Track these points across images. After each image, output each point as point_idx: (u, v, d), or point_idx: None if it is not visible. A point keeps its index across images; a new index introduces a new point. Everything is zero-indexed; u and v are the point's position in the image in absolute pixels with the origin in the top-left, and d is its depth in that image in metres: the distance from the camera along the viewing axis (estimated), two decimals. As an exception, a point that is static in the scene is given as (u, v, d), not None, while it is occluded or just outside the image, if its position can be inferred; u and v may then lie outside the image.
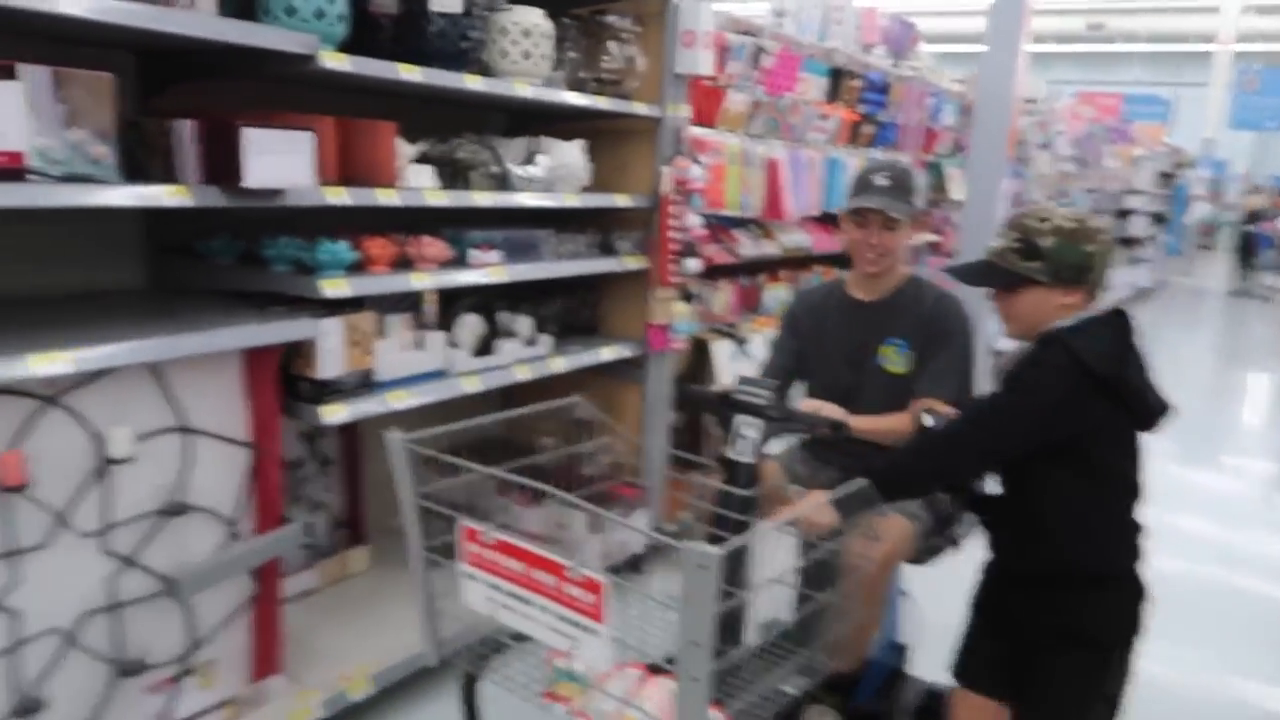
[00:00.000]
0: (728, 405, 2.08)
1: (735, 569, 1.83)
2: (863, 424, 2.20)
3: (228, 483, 2.17)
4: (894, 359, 2.43)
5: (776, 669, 1.86)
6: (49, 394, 1.85)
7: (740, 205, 4.17)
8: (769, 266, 4.73)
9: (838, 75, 4.94)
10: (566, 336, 3.25)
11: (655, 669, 1.89)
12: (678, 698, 1.47)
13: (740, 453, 2.05)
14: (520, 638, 1.80)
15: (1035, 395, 1.82)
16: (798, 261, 4.87)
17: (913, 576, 2.59)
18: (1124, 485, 1.88)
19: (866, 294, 2.48)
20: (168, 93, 2.41)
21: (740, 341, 4.20)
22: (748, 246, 4.38)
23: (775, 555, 1.79)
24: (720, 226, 4.30)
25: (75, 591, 1.94)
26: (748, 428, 2.05)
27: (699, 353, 4.08)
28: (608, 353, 3.17)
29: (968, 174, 5.67)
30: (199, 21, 2.03)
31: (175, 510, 2.06)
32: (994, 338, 6.71)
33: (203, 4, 2.10)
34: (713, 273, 4.24)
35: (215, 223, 2.45)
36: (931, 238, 6.29)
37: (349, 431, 2.96)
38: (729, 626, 1.74)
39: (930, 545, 2.36)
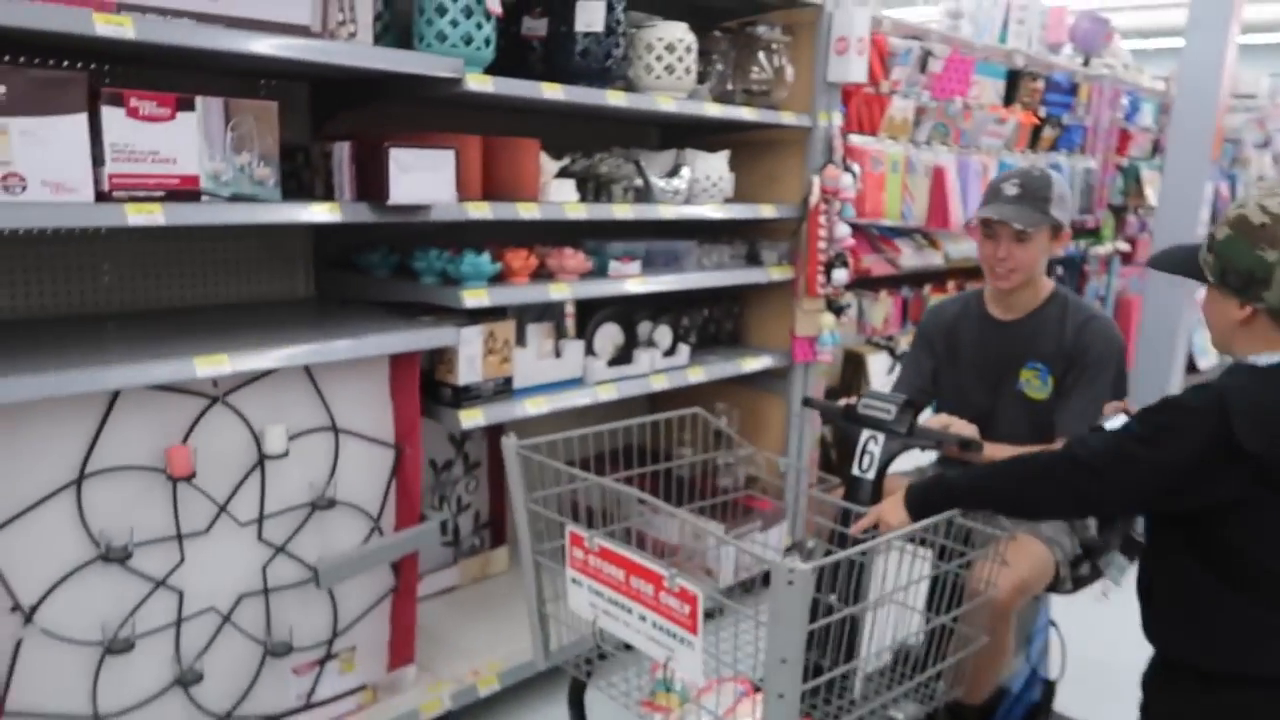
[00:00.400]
0: (852, 419, 2.03)
1: (851, 586, 1.79)
2: (998, 452, 2.08)
3: (372, 480, 2.32)
4: (1035, 384, 2.28)
5: (888, 693, 1.79)
6: (214, 394, 2.04)
7: (902, 214, 4.03)
8: (935, 277, 4.55)
9: (1016, 77, 4.69)
10: (709, 347, 3.26)
11: (759, 686, 1.87)
12: (764, 715, 1.45)
13: (863, 469, 2.00)
14: (627, 646, 1.82)
15: (1159, 446, 1.51)
16: (965, 272, 4.66)
17: (1065, 608, 2.43)
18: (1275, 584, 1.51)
19: (1004, 311, 2.34)
20: (336, 118, 2.60)
21: (898, 355, 4.07)
22: (910, 257, 4.23)
23: (900, 575, 1.73)
24: (882, 236, 4.18)
25: (232, 575, 2.12)
26: (873, 443, 1.99)
27: (853, 366, 3.98)
28: (750, 363, 3.15)
29: (1164, 177, 5.24)
30: (359, 53, 2.19)
31: (323, 504, 2.21)
32: (1200, 350, 6.15)
33: (363, 36, 2.27)
34: (873, 284, 4.13)
35: (373, 237, 2.63)
36: (1123, 246, 5.87)
37: (495, 435, 3.08)
38: (840, 645, 1.70)
39: (1076, 575, 2.20)
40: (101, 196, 1.80)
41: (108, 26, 1.73)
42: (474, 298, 2.33)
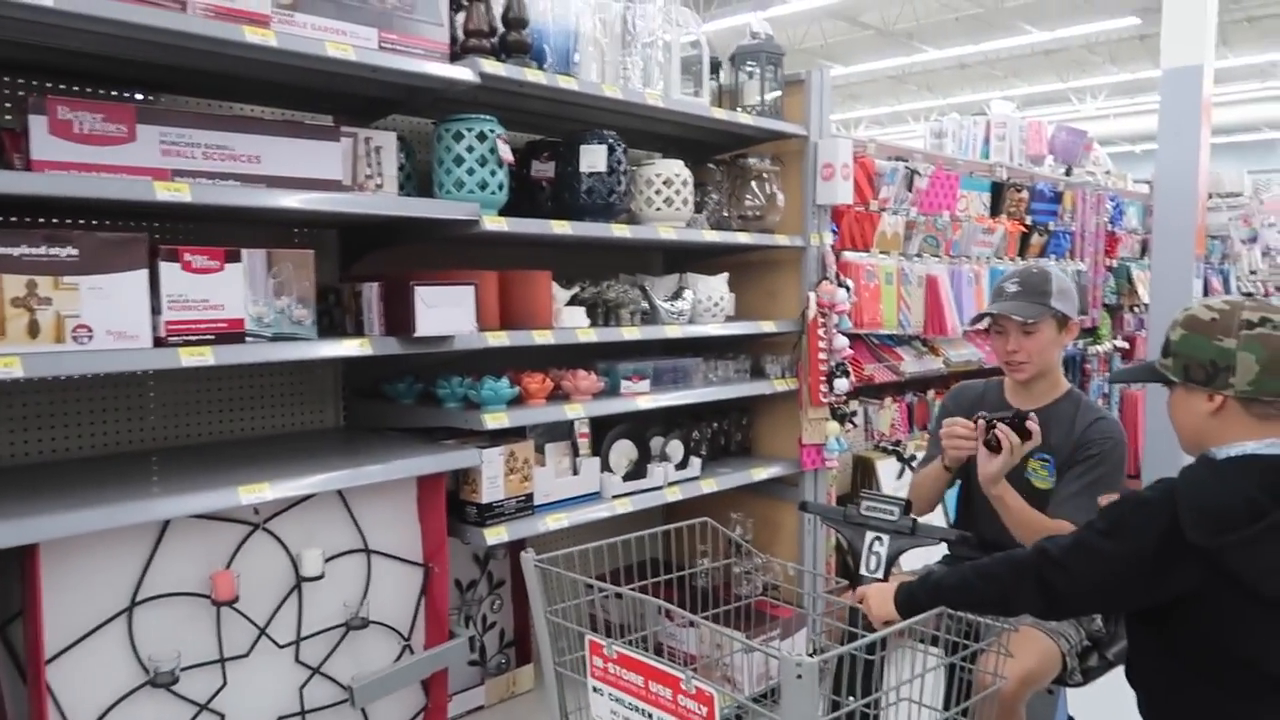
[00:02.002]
0: (854, 522, 2.14)
1: (860, 683, 1.87)
2: (1011, 510, 2.21)
3: (402, 599, 2.42)
4: (1040, 474, 2.40)
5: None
6: (256, 520, 2.17)
7: (900, 323, 4.21)
8: (938, 382, 4.69)
9: (1000, 188, 4.94)
10: (720, 458, 3.39)
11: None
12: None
13: (871, 569, 2.09)
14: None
15: (1117, 539, 1.57)
16: (967, 375, 4.79)
17: (1085, 701, 2.47)
18: (1257, 677, 1.54)
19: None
20: (363, 259, 2.82)
21: (906, 459, 4.17)
22: (911, 363, 4.39)
23: (910, 671, 1.81)
24: (882, 345, 4.35)
25: (271, 697, 2.21)
26: (878, 544, 2.09)
27: (863, 471, 4.09)
28: (760, 473, 3.27)
29: (1152, 276, 5.43)
30: (386, 203, 2.42)
31: (357, 624, 2.32)
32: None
33: (389, 188, 2.50)
34: (877, 391, 4.28)
35: (399, 368, 2.80)
36: (1121, 344, 6.02)
37: (518, 554, 3.18)
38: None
39: (1085, 667, 2.26)
40: (159, 342, 1.98)
41: (167, 192, 1.94)
42: (495, 420, 2.49)
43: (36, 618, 1.86)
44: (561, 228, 2.65)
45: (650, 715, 1.74)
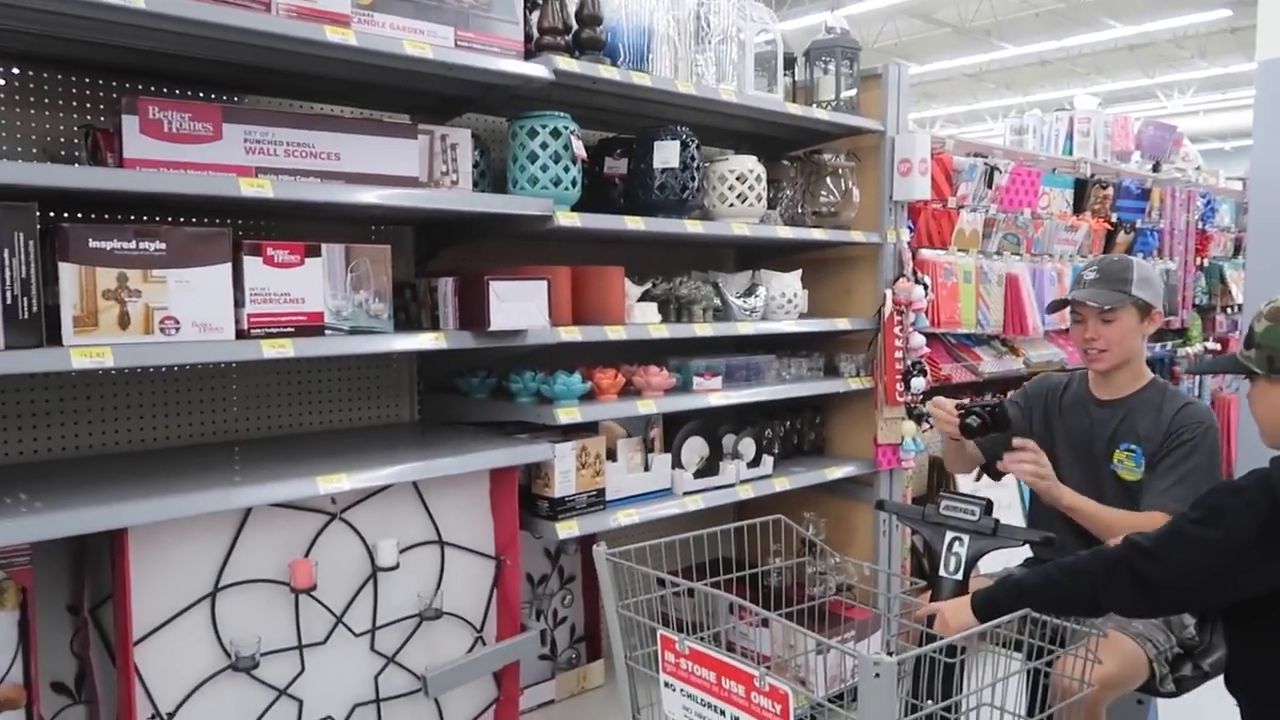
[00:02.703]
0: (933, 521, 2.08)
1: (939, 686, 1.82)
2: (1089, 517, 2.15)
3: (475, 591, 2.44)
4: (1128, 465, 2.34)
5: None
6: (333, 510, 2.21)
7: (978, 322, 4.11)
8: (1016, 383, 4.55)
9: (1084, 185, 4.79)
10: (792, 457, 3.35)
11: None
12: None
13: (950, 570, 2.04)
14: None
15: (1211, 526, 1.53)
16: (1049, 377, 4.66)
17: (1181, 713, 2.38)
18: None
19: (1104, 392, 2.43)
20: (438, 255, 2.85)
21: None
22: (990, 364, 4.27)
23: (991, 676, 1.76)
24: (960, 344, 4.25)
25: (347, 685, 2.24)
26: (958, 544, 2.04)
27: (939, 473, 3.99)
28: (833, 472, 3.22)
29: (1246, 275, 5.19)
30: (462, 199, 2.44)
31: (431, 615, 2.34)
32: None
33: (464, 184, 2.53)
34: (954, 391, 4.18)
35: (472, 362, 2.83)
36: (1213, 346, 5.78)
37: (589, 549, 3.18)
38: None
39: (1179, 676, 2.17)
40: (241, 334, 2.03)
41: (251, 188, 1.99)
42: (567, 415, 2.49)
43: (125, 601, 1.92)
44: (634, 223, 2.65)
45: (723, 712, 1.72)
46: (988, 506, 2.04)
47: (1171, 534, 1.60)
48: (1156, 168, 5.48)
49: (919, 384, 3.32)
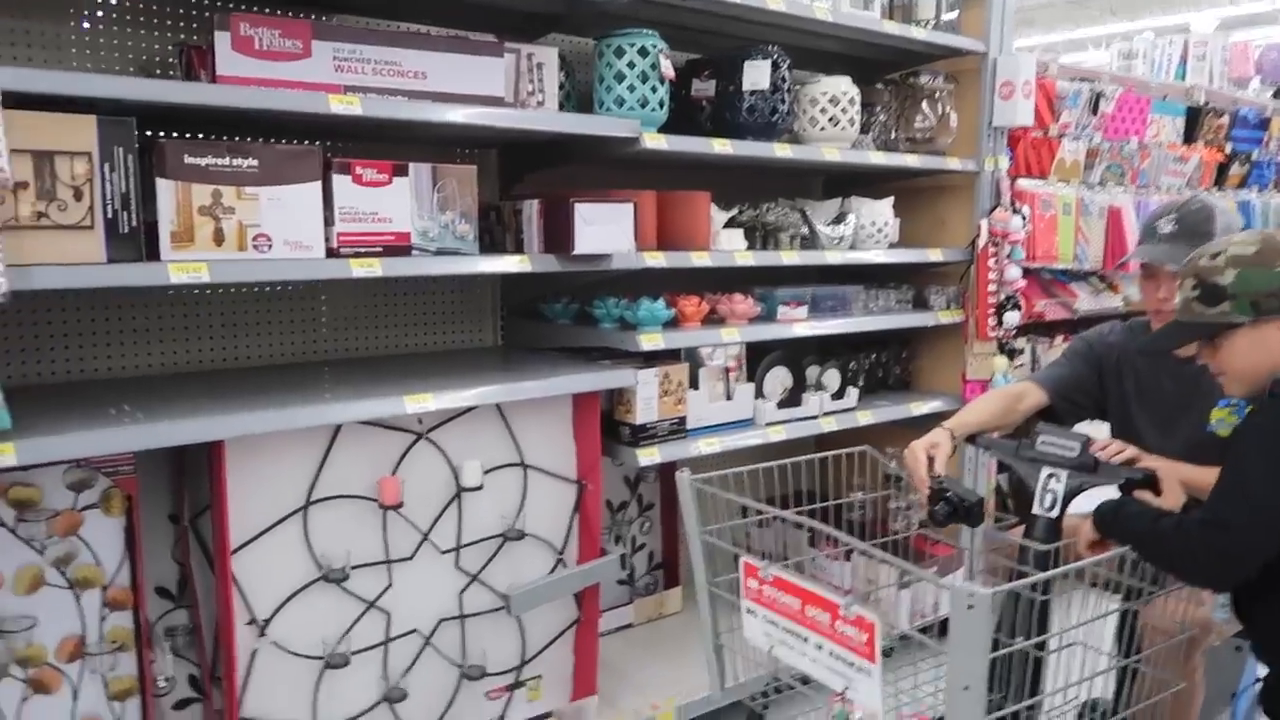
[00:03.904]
0: (1028, 457, 2.01)
1: (1030, 623, 1.77)
2: (1190, 475, 1.97)
3: (556, 515, 2.46)
4: (1229, 422, 2.16)
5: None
6: (419, 430, 2.24)
7: (1076, 257, 3.93)
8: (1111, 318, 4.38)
9: (1197, 114, 4.51)
10: (876, 391, 3.28)
11: (941, 722, 1.87)
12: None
13: (1046, 507, 1.97)
14: (805, 681, 1.86)
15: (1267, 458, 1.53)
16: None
17: None
18: None
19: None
20: (522, 180, 2.83)
21: (1076, 402, 3.93)
22: (1086, 300, 4.10)
23: (1083, 615, 1.71)
24: (1055, 280, 4.08)
25: (433, 600, 2.30)
26: (1054, 481, 1.97)
27: (1028, 412, 3.88)
28: (919, 407, 3.14)
29: (1375, 213, 4.87)
30: (549, 119, 2.41)
31: (513, 536, 2.37)
32: None
33: (550, 105, 2.48)
34: (1047, 329, 4.03)
35: (555, 288, 2.81)
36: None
37: (668, 477, 3.19)
38: (1023, 685, 1.68)
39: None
40: (331, 253, 2.04)
41: (340, 105, 1.98)
42: (650, 341, 2.47)
43: (222, 511, 1.99)
44: (722, 146, 2.58)
45: (806, 639, 1.71)
46: (1087, 442, 1.96)
47: (1230, 492, 1.59)
48: (1278, 95, 5.13)
49: (1013, 319, 3.21)
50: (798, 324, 2.79)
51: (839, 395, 2.98)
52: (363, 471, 2.16)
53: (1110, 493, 2.34)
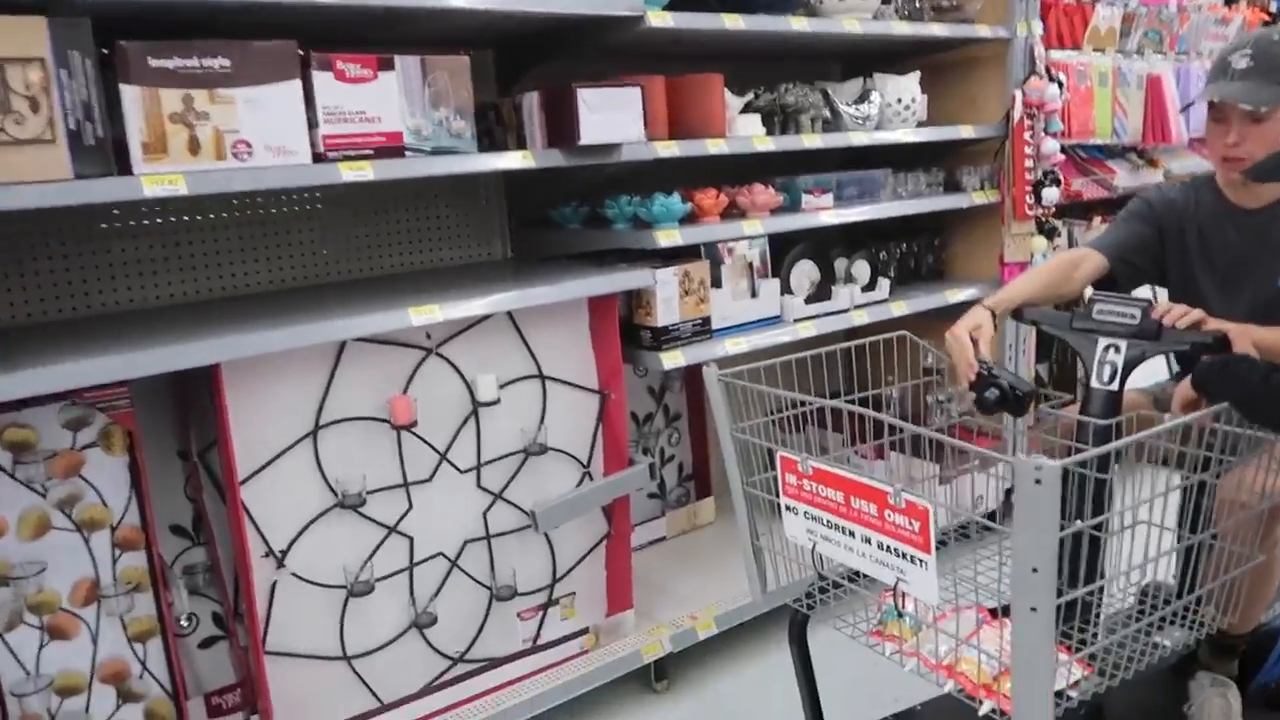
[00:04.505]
0: (1080, 328, 1.86)
1: (1090, 503, 1.64)
2: (1264, 336, 1.79)
3: (579, 427, 2.35)
4: None
5: (1148, 618, 1.63)
6: (429, 345, 2.11)
7: (1114, 131, 3.71)
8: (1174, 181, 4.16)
9: (1239, -30, 4.22)
10: (908, 282, 3.12)
11: (998, 612, 1.76)
12: (1016, 634, 1.34)
13: (1105, 380, 1.82)
14: (852, 577, 1.75)
15: None
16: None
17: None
18: None
19: (1250, 198, 2.02)
20: (521, 80, 2.64)
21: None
22: (1125, 178, 3.88)
23: (1150, 492, 1.58)
24: (1091, 158, 3.86)
25: (456, 521, 2.20)
26: (1113, 352, 1.82)
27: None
28: (955, 295, 2.98)
29: None
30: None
31: (535, 451, 2.26)
32: None
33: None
34: (1084, 209, 3.83)
35: (564, 190, 2.65)
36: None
37: (694, 385, 3.07)
38: (1084, 564, 1.57)
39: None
40: (318, 158, 1.89)
41: (312, -11, 1.81)
42: (667, 238, 2.31)
43: (226, 440, 1.88)
44: (733, 22, 2.38)
45: (852, 533, 1.59)
46: (1148, 306, 1.80)
47: None
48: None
49: (1052, 195, 3.02)
50: (823, 212, 2.62)
51: (870, 287, 2.82)
52: (372, 392, 2.05)
53: (1157, 363, 2.17)
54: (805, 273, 2.70)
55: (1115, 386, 1.82)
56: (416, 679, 2.20)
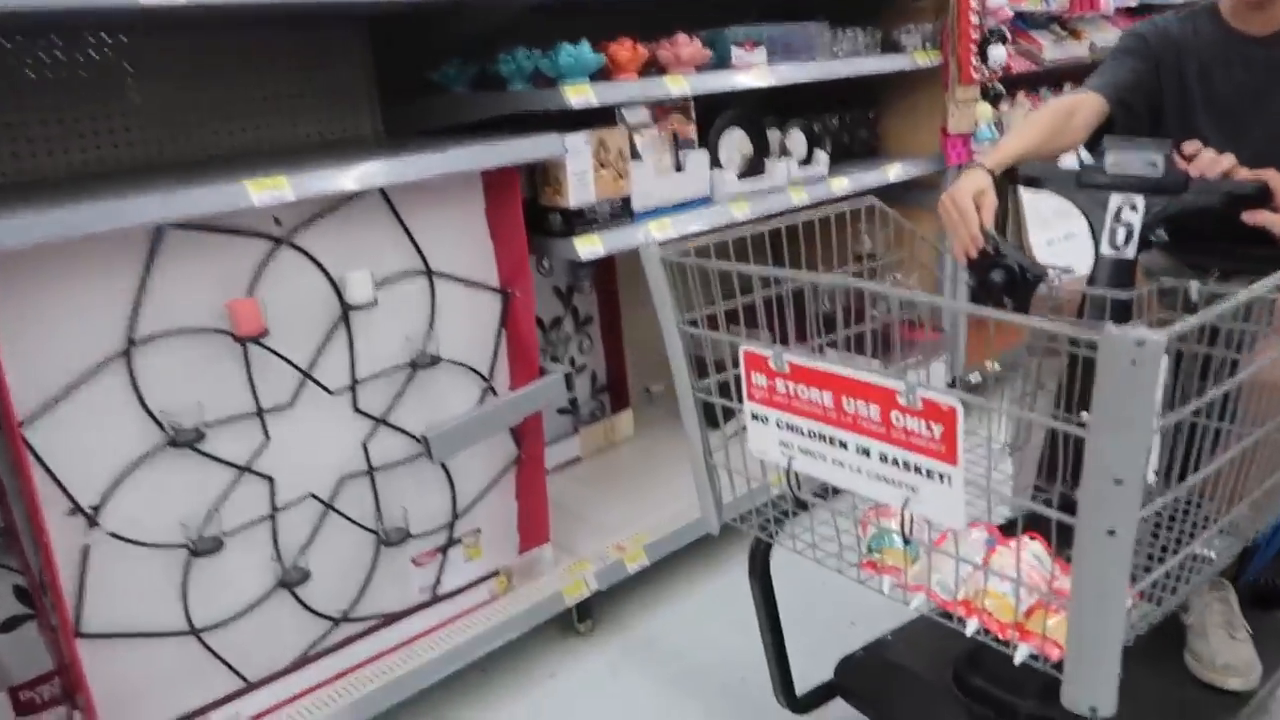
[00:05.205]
0: (1088, 184, 1.54)
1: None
2: None
3: (478, 333, 1.93)
4: None
5: (1186, 528, 1.36)
6: (278, 234, 1.64)
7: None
8: (1079, 75, 3.91)
9: None
10: (841, 161, 2.76)
11: (1007, 530, 1.47)
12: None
13: (1118, 245, 1.51)
14: (823, 494, 1.42)
15: None
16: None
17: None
18: None
19: (1259, 24, 1.74)
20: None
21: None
22: (1051, 49, 3.61)
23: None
24: (1017, 29, 3.56)
25: (328, 455, 1.77)
26: (1128, 210, 1.50)
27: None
28: (897, 172, 2.65)
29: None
30: None
31: (425, 363, 1.83)
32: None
33: None
34: (1012, 85, 3.54)
35: (446, 46, 2.18)
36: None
37: (607, 286, 2.67)
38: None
39: None
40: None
41: None
42: (578, 94, 1.88)
43: None
44: None
45: (844, 444, 1.24)
46: (1171, 153, 1.49)
47: None
48: None
49: (999, 55, 2.70)
50: (754, 70, 2.22)
51: (806, 161, 2.45)
52: (205, 296, 1.57)
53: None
54: (736, 144, 2.31)
55: (1131, 253, 1.51)
56: (289, 648, 1.79)
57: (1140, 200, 1.50)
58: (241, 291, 1.61)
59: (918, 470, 1.16)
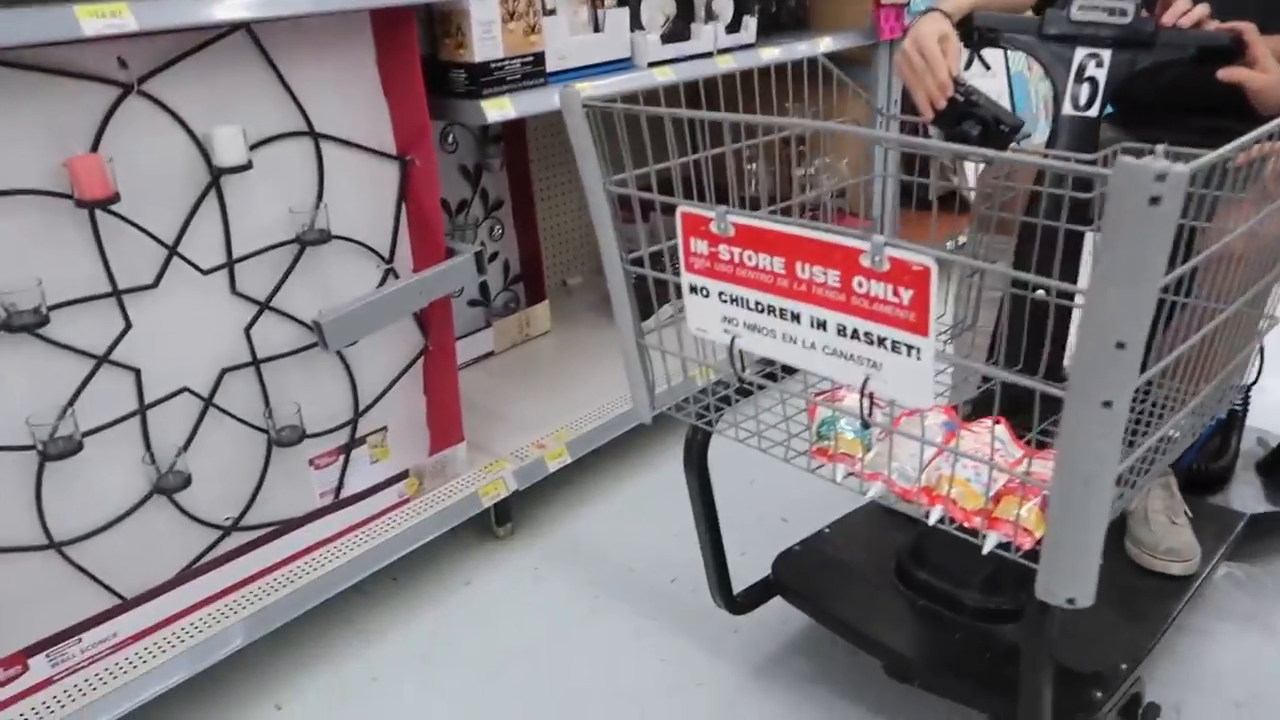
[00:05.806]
0: (1051, 36, 1.40)
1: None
2: None
3: (375, 206, 1.71)
4: None
5: (1148, 408, 1.27)
6: (125, 80, 1.38)
7: None
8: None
9: None
10: (769, 33, 2.57)
11: (967, 415, 1.37)
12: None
13: (1081, 105, 1.39)
14: (770, 376, 1.29)
15: None
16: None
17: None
18: None
19: None
20: None
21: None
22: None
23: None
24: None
25: (205, 344, 1.55)
26: (1093, 65, 1.37)
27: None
28: (828, 43, 2.48)
29: None
30: None
31: (313, 238, 1.61)
32: None
33: None
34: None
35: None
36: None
37: (519, 165, 2.45)
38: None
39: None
40: None
41: None
42: (482, -72, 1.64)
43: None
44: None
45: (796, 316, 1.10)
46: (1141, 2, 1.36)
47: None
48: None
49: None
50: (681, -85, 2.00)
51: (734, 27, 2.25)
52: (32, 150, 1.31)
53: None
54: (658, 5, 2.10)
55: (1094, 112, 1.40)
56: (172, 561, 1.60)
57: (1106, 55, 1.37)
58: (83, 148, 1.36)
59: (881, 343, 1.03)
